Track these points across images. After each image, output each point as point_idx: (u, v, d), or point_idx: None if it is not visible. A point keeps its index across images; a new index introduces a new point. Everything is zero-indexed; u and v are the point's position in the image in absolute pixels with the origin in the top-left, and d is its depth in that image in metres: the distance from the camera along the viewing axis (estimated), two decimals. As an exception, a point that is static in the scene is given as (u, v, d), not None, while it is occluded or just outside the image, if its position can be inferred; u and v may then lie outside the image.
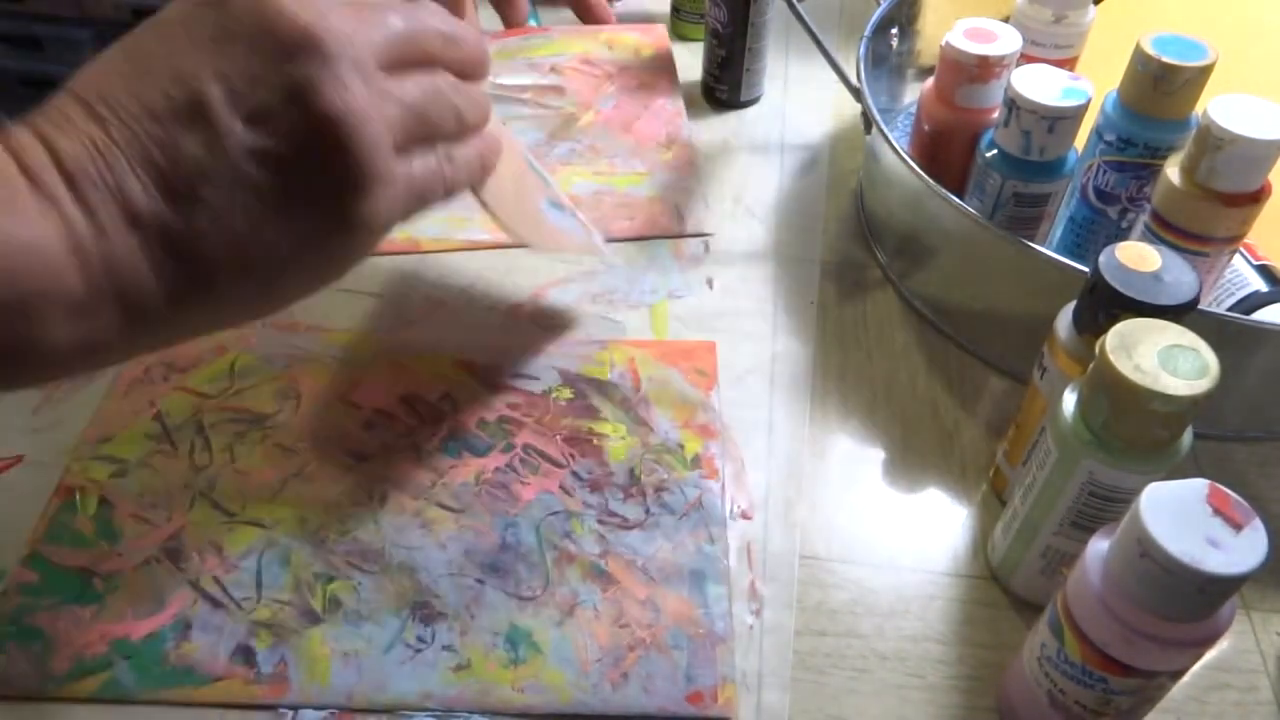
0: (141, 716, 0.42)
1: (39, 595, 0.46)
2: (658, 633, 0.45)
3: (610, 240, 0.62)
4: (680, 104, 0.74)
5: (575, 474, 0.51)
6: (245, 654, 0.44)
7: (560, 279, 0.62)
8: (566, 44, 0.77)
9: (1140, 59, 0.52)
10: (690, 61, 0.83)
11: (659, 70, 0.75)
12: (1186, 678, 0.44)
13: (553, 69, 0.75)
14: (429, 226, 0.65)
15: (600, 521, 0.49)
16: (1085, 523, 0.41)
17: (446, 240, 0.63)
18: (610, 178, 0.66)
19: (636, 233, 0.64)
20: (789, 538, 0.49)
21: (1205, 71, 0.51)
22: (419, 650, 0.44)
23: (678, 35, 0.86)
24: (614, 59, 0.75)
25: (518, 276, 0.62)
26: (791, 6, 0.67)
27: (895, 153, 0.58)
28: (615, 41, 0.77)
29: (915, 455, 0.54)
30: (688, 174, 0.67)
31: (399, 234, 0.59)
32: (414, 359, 0.57)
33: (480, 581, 0.47)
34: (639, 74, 0.75)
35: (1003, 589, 0.48)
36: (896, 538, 0.50)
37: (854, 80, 0.64)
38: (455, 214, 0.66)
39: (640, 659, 0.44)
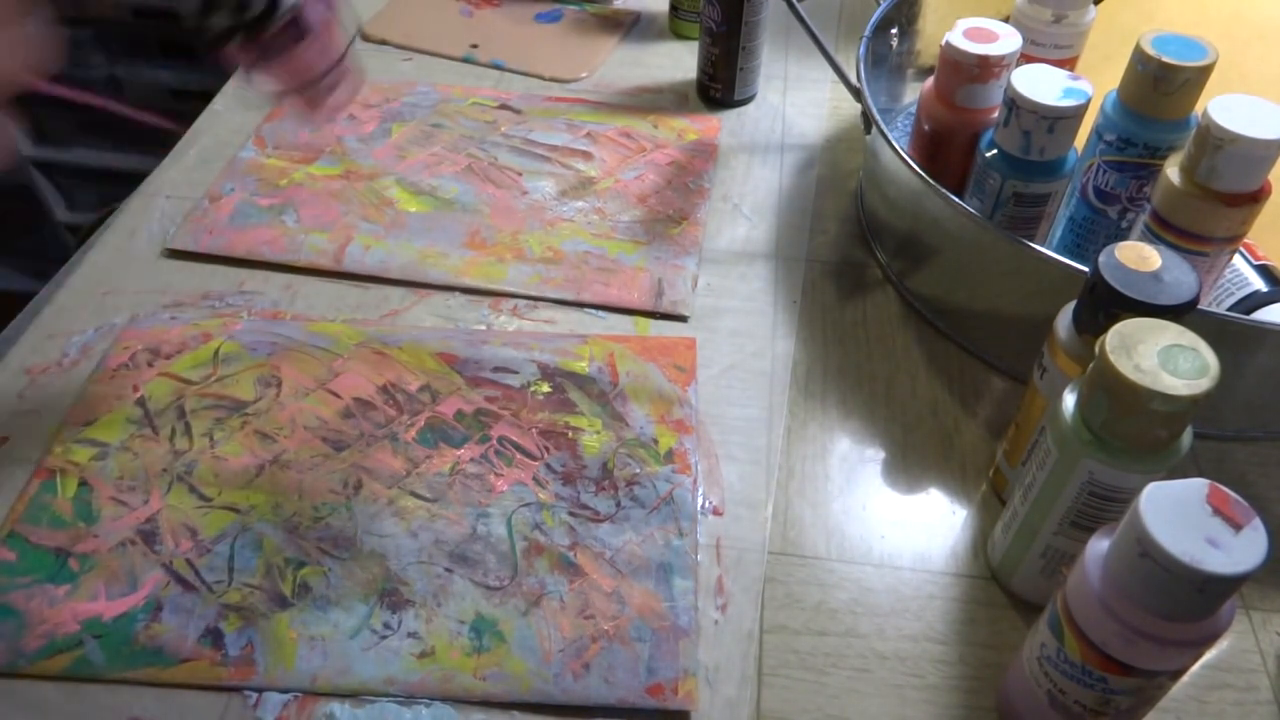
0: (109, 695, 0.43)
1: (14, 574, 0.46)
2: (622, 625, 0.45)
3: (577, 304, 0.61)
4: (708, 188, 0.70)
5: (549, 466, 0.52)
6: (214, 636, 0.44)
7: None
8: (611, 115, 0.76)
9: (1140, 59, 0.52)
10: (689, 60, 0.83)
11: (697, 154, 0.72)
12: (1186, 677, 0.45)
13: (588, 134, 0.74)
14: (398, 254, 0.65)
15: (571, 514, 0.50)
16: (1085, 523, 0.41)
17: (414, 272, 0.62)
18: (606, 241, 0.65)
19: (606, 300, 0.61)
20: (759, 535, 0.50)
21: (1205, 71, 0.51)
22: (384, 636, 0.45)
23: (676, 34, 0.87)
24: (654, 136, 0.74)
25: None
26: (791, 6, 0.67)
27: (895, 153, 0.58)
28: (662, 122, 0.76)
29: (915, 455, 0.54)
30: (687, 253, 0.64)
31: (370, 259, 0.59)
32: (395, 350, 0.57)
33: (449, 570, 0.47)
34: (675, 153, 0.73)
35: (1003, 589, 0.48)
36: (896, 538, 0.50)
37: (854, 80, 0.64)
38: (430, 248, 0.66)
39: (602, 650, 0.44)
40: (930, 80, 0.62)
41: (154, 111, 0.49)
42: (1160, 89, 0.52)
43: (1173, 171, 0.50)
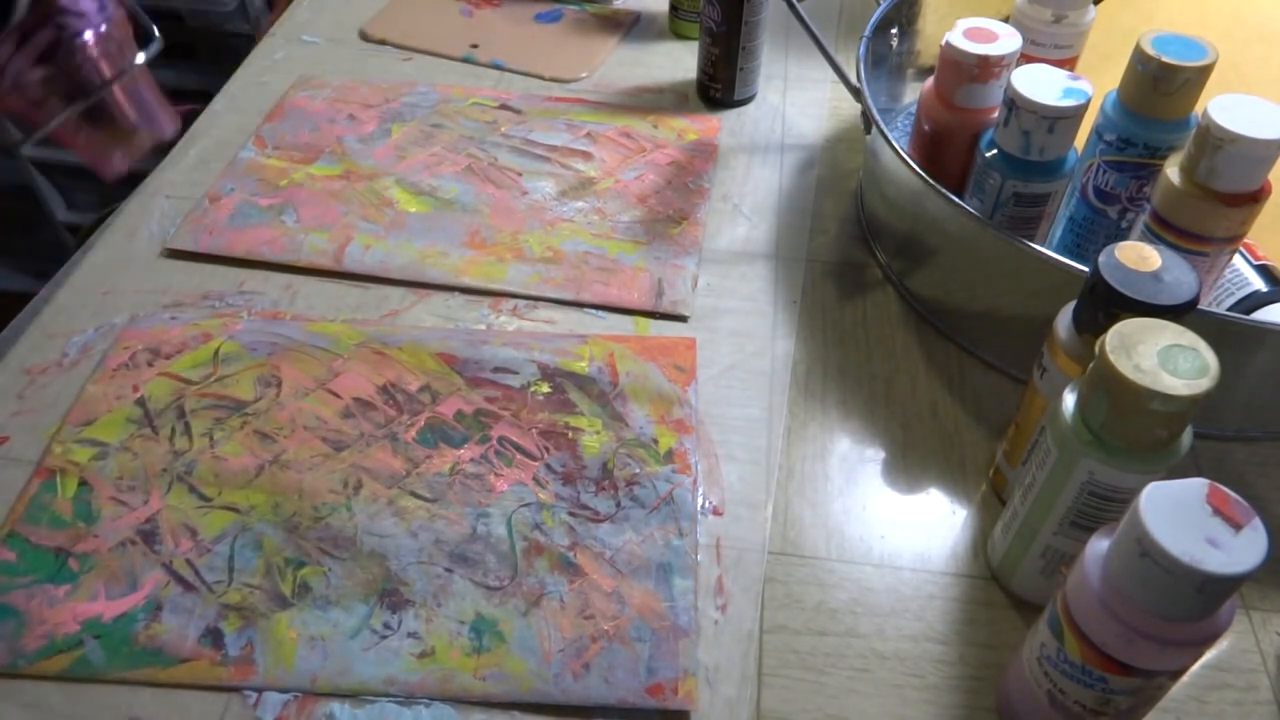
0: (109, 695, 0.43)
1: (14, 574, 0.46)
2: (622, 625, 0.45)
3: (577, 304, 0.61)
4: (708, 188, 0.70)
5: (549, 466, 0.52)
6: (214, 636, 0.44)
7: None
8: (611, 115, 0.76)
9: (1140, 59, 0.52)
10: (689, 60, 0.83)
11: (697, 154, 0.72)
12: (1186, 677, 0.45)
13: (588, 134, 0.74)
14: (398, 254, 0.65)
15: (571, 514, 0.50)
16: (1085, 523, 0.41)
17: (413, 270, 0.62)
18: (606, 241, 0.65)
19: (606, 300, 0.61)
20: (759, 535, 0.50)
21: (1205, 71, 0.51)
22: (384, 636, 0.45)
23: (676, 34, 0.87)
24: (654, 136, 0.74)
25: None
26: (791, 6, 0.67)
27: (895, 153, 0.58)
28: (662, 122, 0.76)
29: (915, 455, 0.54)
30: (687, 253, 0.64)
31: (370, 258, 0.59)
32: (395, 351, 0.57)
33: (449, 570, 0.47)
34: (675, 153, 0.72)
35: (1003, 589, 0.48)
36: (896, 537, 0.50)
37: (854, 80, 0.64)
38: (430, 247, 0.66)
39: (602, 650, 0.44)
40: (930, 80, 0.62)
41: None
42: (1160, 89, 0.52)
43: (1173, 171, 0.50)
